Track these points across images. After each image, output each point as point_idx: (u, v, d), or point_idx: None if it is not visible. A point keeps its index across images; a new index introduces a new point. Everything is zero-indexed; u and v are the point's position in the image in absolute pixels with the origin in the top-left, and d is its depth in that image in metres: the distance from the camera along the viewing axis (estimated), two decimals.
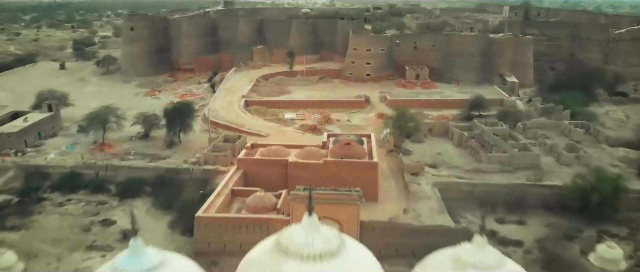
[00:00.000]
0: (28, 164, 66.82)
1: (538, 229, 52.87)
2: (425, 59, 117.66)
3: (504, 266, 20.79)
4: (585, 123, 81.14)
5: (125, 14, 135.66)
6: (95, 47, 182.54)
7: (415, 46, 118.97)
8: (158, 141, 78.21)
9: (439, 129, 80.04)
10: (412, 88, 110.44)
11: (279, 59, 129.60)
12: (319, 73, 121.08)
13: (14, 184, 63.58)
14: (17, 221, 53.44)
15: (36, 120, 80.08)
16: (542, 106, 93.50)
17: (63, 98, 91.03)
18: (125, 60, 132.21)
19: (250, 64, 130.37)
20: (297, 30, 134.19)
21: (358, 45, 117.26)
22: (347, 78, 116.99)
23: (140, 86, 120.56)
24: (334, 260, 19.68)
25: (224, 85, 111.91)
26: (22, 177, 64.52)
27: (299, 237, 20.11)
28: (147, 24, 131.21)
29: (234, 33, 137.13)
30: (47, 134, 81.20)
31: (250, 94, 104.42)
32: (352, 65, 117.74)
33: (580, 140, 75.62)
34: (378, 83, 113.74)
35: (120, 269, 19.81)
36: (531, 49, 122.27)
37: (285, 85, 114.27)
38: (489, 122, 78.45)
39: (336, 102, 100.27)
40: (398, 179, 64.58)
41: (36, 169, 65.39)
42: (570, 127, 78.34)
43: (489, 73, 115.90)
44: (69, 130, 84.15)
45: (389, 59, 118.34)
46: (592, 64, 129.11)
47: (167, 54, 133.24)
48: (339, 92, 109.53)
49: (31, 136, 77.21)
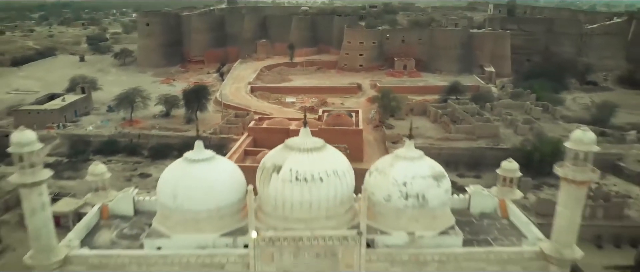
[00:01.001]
0: (72, 133, 79.88)
1: (490, 181, 65.50)
2: (412, 51, 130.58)
3: (424, 158, 34.01)
4: (545, 104, 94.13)
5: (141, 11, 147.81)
6: (108, 42, 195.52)
7: (403, 40, 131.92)
8: (178, 118, 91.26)
9: (418, 108, 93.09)
10: (400, 77, 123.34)
11: (281, 51, 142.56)
12: (316, 64, 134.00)
13: (61, 149, 76.72)
14: (72, 173, 66.40)
15: (72, 101, 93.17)
16: (513, 91, 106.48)
17: (93, 82, 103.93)
18: (140, 52, 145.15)
19: (255, 56, 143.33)
20: (297, 26, 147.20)
21: (352, 39, 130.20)
22: (342, 68, 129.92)
23: (155, 76, 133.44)
24: (318, 152, 32.80)
25: (232, 75, 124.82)
26: (67, 144, 77.61)
27: (298, 140, 33.30)
28: (161, 20, 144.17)
29: (240, 28, 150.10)
30: (82, 112, 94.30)
31: (255, 82, 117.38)
32: (347, 57, 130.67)
33: (539, 117, 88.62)
34: (369, 73, 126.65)
35: (189, 158, 33.20)
36: (508, 43, 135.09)
37: (286, 75, 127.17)
38: (462, 103, 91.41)
39: (332, 88, 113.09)
40: (381, 147, 77.66)
41: (79, 137, 78.47)
42: (531, 106, 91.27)
43: (469, 64, 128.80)
44: (99, 109, 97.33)
45: (380, 51, 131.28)
46: (565, 57, 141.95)
47: (178, 47, 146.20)
48: (334, 80, 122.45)
49: (69, 113, 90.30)
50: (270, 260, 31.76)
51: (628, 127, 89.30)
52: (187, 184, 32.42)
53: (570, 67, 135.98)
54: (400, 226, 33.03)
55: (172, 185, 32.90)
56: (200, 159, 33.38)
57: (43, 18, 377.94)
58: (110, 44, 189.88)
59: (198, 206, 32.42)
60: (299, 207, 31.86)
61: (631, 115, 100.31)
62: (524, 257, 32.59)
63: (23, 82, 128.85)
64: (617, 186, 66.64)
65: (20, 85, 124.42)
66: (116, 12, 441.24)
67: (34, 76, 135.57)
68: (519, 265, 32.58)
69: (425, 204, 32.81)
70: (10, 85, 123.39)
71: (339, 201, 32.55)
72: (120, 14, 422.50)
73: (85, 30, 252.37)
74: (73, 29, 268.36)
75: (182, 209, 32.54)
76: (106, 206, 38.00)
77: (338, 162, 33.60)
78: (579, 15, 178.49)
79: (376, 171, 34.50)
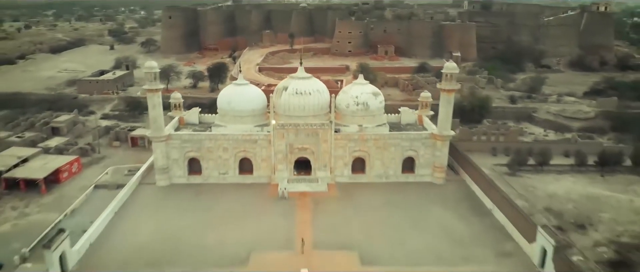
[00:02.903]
0: (126, 96, 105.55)
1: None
2: (393, 39, 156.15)
3: (368, 84, 60.07)
4: (491, 77, 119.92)
5: (165, 6, 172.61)
6: (128, 35, 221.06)
7: (385, 30, 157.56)
8: (203, 89, 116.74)
9: (391, 82, 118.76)
10: (381, 60, 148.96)
11: (282, 40, 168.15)
12: (313, 50, 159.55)
13: (119, 107, 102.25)
14: (133, 120, 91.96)
15: (120, 75, 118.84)
16: (470, 69, 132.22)
17: (133, 62, 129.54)
18: (164, 41, 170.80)
19: (260, 44, 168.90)
20: (296, 19, 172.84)
21: (342, 29, 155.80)
22: (334, 53, 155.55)
23: (178, 60, 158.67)
24: (308, 80, 58.96)
25: (242, 59, 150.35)
26: (123, 104, 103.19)
27: (297, 73, 59.44)
28: (181, 14, 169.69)
29: (247, 21, 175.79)
30: (126, 84, 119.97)
31: (262, 64, 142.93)
32: (338, 44, 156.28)
33: (484, 87, 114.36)
34: (357, 57, 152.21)
35: (236, 83, 59.33)
36: (474, 33, 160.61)
37: (287, 59, 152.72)
38: (426, 78, 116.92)
39: (325, 68, 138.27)
40: None
41: (132, 99, 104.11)
42: (479, 78, 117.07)
43: (440, 50, 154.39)
44: (139, 83, 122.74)
45: (365, 40, 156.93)
46: (524, 45, 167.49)
47: (196, 37, 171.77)
48: (327, 62, 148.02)
49: (119, 83, 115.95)
50: (282, 138, 57.57)
51: (554, 93, 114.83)
52: (236, 97, 58.48)
53: (528, 53, 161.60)
54: (354, 121, 59.07)
55: (227, 97, 59.03)
56: (242, 83, 59.65)
57: (57, 15, 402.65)
58: (131, 36, 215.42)
59: (242, 108, 58.51)
60: (298, 108, 57.74)
61: (565, 86, 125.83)
62: (423, 137, 58.61)
63: (67, 64, 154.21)
64: (528, 128, 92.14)
65: (66, 67, 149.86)
66: (125, 10, 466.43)
67: (74, 61, 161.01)
68: (420, 141, 58.53)
69: (368, 109, 58.82)
70: (58, 67, 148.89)
71: (319, 106, 58.50)
72: (129, 11, 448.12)
73: (104, 25, 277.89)
74: (92, 24, 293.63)
75: (233, 110, 58.61)
76: (182, 117, 63.85)
77: (319, 85, 59.82)
78: (533, 8, 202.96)
79: (342, 92, 60.64)
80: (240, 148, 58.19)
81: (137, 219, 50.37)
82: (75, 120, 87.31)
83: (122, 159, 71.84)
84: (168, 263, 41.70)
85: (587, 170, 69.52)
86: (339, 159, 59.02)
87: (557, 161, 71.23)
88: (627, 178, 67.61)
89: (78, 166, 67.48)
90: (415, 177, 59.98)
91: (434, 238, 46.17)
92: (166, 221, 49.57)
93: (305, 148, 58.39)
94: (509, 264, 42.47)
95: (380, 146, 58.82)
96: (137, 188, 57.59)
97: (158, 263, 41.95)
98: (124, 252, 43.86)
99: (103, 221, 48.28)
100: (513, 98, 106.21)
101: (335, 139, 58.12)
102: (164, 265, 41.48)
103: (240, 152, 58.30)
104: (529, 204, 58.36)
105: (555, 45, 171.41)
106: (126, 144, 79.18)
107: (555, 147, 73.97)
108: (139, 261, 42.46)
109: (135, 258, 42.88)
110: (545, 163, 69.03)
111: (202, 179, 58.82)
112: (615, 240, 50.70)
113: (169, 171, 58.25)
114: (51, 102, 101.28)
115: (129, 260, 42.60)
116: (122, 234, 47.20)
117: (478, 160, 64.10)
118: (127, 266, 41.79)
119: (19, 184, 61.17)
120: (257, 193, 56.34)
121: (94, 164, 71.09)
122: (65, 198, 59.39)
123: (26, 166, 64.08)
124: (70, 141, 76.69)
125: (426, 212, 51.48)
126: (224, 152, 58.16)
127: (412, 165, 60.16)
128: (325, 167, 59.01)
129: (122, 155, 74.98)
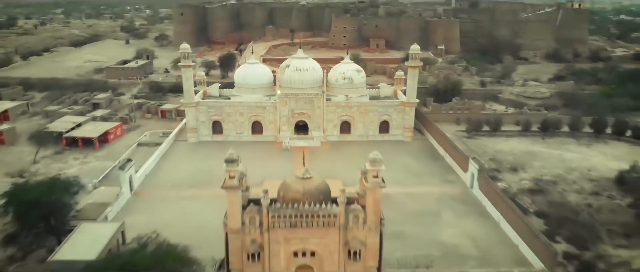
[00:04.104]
0: (150, 81, 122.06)
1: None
2: (384, 34, 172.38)
3: (353, 63, 76.81)
4: (467, 66, 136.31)
5: (178, 4, 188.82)
6: (139, 31, 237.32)
7: (377, 26, 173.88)
8: (215, 76, 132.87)
9: (380, 70, 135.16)
10: (373, 52, 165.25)
11: (284, 35, 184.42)
12: (311, 44, 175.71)
13: (144, 90, 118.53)
14: (159, 99, 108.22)
15: (142, 64, 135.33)
16: (450, 60, 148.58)
17: (152, 52, 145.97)
18: (176, 35, 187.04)
19: (264, 38, 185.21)
20: (296, 15, 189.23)
21: (338, 25, 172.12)
22: (330, 46, 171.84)
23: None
24: (306, 60, 75.84)
25: (247, 52, 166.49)
26: (147, 88, 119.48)
27: (297, 54, 76.20)
28: (192, 11, 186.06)
29: (252, 17, 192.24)
30: (147, 72, 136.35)
31: (266, 55, 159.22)
32: (334, 38, 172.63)
33: (460, 73, 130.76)
34: (351, 50, 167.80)
35: (248, 62, 76.03)
36: (458, 28, 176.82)
37: (288, 52, 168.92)
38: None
39: (322, 59, 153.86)
40: None
41: (155, 83, 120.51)
42: (456, 67, 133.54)
43: (426, 43, 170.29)
44: (157, 71, 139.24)
45: (359, 34, 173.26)
46: (504, 39, 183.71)
47: (205, 32, 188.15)
48: (324, 55, 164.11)
49: (141, 71, 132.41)
50: (285, 104, 74.02)
51: (522, 79, 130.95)
52: (249, 73, 75.15)
53: (507, 47, 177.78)
54: (341, 92, 75.63)
55: (242, 73, 75.86)
56: (254, 62, 76.38)
57: (66, 13, 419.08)
58: (143, 31, 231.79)
59: (254, 83, 75.21)
60: (297, 82, 74.23)
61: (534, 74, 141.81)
62: (395, 104, 75.21)
63: (89, 56, 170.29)
64: (492, 106, 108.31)
65: (89, 58, 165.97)
66: (130, 8, 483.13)
67: (95, 53, 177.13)
68: (392, 108, 75.06)
69: (352, 82, 75.38)
70: (82, 58, 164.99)
71: (314, 80, 74.99)
72: (134, 10, 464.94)
73: (115, 22, 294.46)
74: (104, 21, 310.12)
75: (247, 83, 75.28)
76: (206, 91, 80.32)
77: (314, 64, 76.46)
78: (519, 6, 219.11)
79: (332, 69, 77.24)
80: (252, 113, 74.73)
81: (176, 162, 67.02)
82: (111, 98, 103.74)
83: (154, 127, 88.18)
84: (204, 186, 58.15)
85: (532, 135, 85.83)
86: (330, 122, 75.52)
87: (508, 128, 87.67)
88: (563, 140, 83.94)
89: (121, 130, 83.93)
90: (389, 137, 76.55)
91: (398, 173, 62.65)
92: (198, 163, 66.19)
93: (303, 113, 74.88)
94: (449, 186, 59.14)
95: (362, 112, 75.35)
96: (173, 144, 74.19)
97: (197, 186, 58.52)
98: (171, 180, 60.53)
99: (152, 162, 64.86)
100: (483, 83, 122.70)
101: (327, 106, 74.58)
102: (203, 186, 57.99)
103: (253, 116, 74.83)
104: (477, 156, 74.79)
105: (533, 39, 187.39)
106: (156, 116, 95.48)
107: (507, 118, 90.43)
108: (183, 184, 59.07)
109: (179, 183, 59.52)
110: (497, 129, 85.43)
111: (223, 138, 75.35)
112: (538, 178, 67.09)
113: (197, 130, 74.79)
114: (85, 86, 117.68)
115: (175, 184, 59.23)
116: (167, 170, 63.87)
117: (444, 127, 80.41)
118: (175, 188, 58.37)
119: (77, 142, 77.53)
120: (266, 148, 72.81)
121: (132, 130, 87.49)
122: (115, 152, 75.67)
123: (81, 129, 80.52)
124: (112, 112, 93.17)
125: (396, 159, 67.87)
126: (240, 116, 74.69)
127: (387, 127, 76.70)
128: (319, 128, 75.50)
129: (153, 124, 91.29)
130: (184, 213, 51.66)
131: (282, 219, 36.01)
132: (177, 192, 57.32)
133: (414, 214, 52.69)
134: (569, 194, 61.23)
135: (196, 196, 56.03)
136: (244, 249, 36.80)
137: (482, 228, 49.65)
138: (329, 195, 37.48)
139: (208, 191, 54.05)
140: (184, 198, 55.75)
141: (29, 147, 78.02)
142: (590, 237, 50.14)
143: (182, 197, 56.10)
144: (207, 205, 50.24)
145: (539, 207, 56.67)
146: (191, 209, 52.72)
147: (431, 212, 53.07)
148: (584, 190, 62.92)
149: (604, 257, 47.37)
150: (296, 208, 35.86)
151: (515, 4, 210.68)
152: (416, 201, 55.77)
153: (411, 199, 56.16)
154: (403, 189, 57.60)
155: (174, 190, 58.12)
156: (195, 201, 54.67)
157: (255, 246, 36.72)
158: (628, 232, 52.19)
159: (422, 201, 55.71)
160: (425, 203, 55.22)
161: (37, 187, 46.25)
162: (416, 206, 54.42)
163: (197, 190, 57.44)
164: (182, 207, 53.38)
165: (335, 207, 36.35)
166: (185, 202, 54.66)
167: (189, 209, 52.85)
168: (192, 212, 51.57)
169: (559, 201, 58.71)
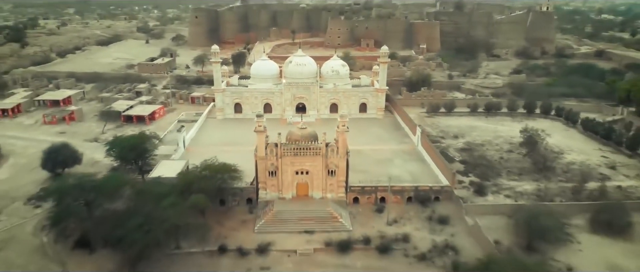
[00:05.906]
0: (176, 74, 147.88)
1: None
2: (373, 34, 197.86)
3: (339, 59, 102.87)
4: (440, 62, 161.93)
5: (192, 7, 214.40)
6: (155, 31, 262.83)
7: (367, 27, 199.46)
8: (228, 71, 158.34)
9: (367, 65, 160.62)
10: (364, 51, 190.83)
11: (286, 35, 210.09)
12: (310, 43, 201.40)
13: (171, 83, 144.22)
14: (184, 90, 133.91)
15: (167, 60, 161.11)
16: (428, 57, 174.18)
17: (175, 51, 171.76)
18: (191, 36, 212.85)
19: (268, 39, 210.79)
20: (297, 17, 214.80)
21: (333, 27, 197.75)
22: (327, 46, 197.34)
23: (203, 51, 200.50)
24: (304, 57, 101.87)
25: (254, 50, 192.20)
26: (174, 80, 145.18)
27: (297, 53, 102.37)
28: (205, 14, 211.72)
29: (257, 19, 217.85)
30: (172, 67, 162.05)
31: (270, 54, 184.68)
32: (330, 38, 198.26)
33: (434, 68, 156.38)
34: (344, 48, 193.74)
35: (260, 59, 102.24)
36: (438, 29, 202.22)
37: (290, 50, 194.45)
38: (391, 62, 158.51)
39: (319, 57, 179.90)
40: None
41: (181, 76, 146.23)
42: (431, 63, 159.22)
43: (410, 43, 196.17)
44: (180, 66, 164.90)
45: (352, 35, 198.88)
46: (480, 38, 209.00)
47: (216, 32, 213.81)
48: (321, 53, 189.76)
49: (167, 67, 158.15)
50: (289, 91, 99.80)
51: (484, 73, 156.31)
52: (262, 67, 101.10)
53: (482, 46, 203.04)
54: (331, 82, 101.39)
55: (257, 66, 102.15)
56: (265, 59, 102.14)
57: (78, 13, 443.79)
58: (159, 32, 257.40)
59: (265, 74, 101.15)
60: (298, 74, 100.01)
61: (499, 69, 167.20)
62: (370, 90, 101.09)
63: (117, 54, 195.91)
64: (455, 94, 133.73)
65: (117, 55, 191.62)
66: (138, 9, 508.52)
67: (121, 51, 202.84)
68: (369, 93, 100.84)
69: (338, 74, 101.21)
70: (111, 56, 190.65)
71: (311, 72, 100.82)
72: (143, 10, 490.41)
73: (130, 23, 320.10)
74: (119, 22, 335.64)
75: (260, 75, 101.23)
76: (229, 80, 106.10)
77: (310, 60, 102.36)
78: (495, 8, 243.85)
79: (324, 64, 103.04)
80: (264, 97, 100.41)
81: (210, 132, 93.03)
82: (149, 87, 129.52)
83: (187, 109, 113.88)
84: (232, 145, 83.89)
85: (478, 115, 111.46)
86: (322, 104, 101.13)
87: (461, 109, 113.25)
88: (502, 118, 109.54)
89: (163, 111, 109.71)
90: (366, 115, 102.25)
91: (370, 138, 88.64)
92: (225, 132, 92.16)
93: (302, 97, 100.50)
94: (403, 146, 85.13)
95: (346, 96, 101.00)
96: (206, 120, 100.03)
97: (227, 145, 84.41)
98: (209, 141, 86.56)
99: (193, 132, 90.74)
100: (451, 76, 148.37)
101: (320, 92, 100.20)
102: (231, 145, 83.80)
103: (265, 99, 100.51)
104: (430, 128, 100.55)
105: (505, 39, 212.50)
106: (187, 102, 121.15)
107: (460, 102, 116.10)
108: (217, 144, 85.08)
109: (215, 143, 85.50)
110: (451, 110, 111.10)
111: (242, 116, 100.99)
112: (471, 141, 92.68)
113: (224, 110, 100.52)
114: (123, 78, 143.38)
115: (212, 144, 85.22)
116: (205, 136, 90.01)
117: (411, 110, 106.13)
118: (212, 145, 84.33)
119: (131, 118, 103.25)
120: (275, 123, 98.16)
121: (169, 112, 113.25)
122: (161, 126, 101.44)
123: (134, 109, 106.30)
124: (153, 98, 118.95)
125: (369, 130, 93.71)
126: (255, 99, 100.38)
127: (366, 107, 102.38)
128: (314, 109, 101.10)
129: (186, 107, 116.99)
130: (222, 158, 77.39)
131: (289, 150, 61.78)
132: (214, 148, 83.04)
133: (376, 161, 78.49)
134: (489, 151, 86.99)
135: (227, 150, 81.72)
136: (266, 169, 62.60)
137: (418, 168, 75.62)
138: (316, 138, 63.29)
139: (234, 148, 79.84)
140: (220, 151, 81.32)
141: (94, 122, 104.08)
142: (492, 174, 75.99)
143: (218, 150, 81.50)
144: (236, 154, 75.78)
145: (464, 158, 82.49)
146: (225, 156, 78.39)
147: (387, 160, 78.95)
148: (502, 149, 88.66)
149: (498, 184, 73.12)
150: (297, 144, 61.62)
151: (493, 6, 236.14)
152: (379, 154, 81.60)
153: (376, 153, 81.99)
154: (372, 147, 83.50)
155: (212, 146, 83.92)
156: (226, 152, 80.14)
157: (273, 167, 62.55)
158: (521, 173, 78.00)
159: (383, 154, 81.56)
160: (385, 155, 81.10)
161: (130, 138, 72.20)
162: (378, 156, 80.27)
163: (227, 147, 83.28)
164: (220, 154, 79.13)
165: (320, 143, 62.10)
166: (221, 153, 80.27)
167: (224, 156, 78.49)
168: (226, 158, 77.38)
169: (479, 154, 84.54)
